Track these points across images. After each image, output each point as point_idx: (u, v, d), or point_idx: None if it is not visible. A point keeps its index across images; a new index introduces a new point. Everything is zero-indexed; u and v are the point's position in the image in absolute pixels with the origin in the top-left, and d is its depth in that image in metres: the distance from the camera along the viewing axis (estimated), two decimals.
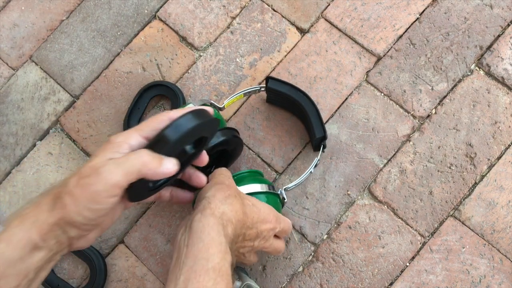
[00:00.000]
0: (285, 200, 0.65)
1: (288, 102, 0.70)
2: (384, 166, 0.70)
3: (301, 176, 0.68)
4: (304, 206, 0.70)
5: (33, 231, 0.43)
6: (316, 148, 0.70)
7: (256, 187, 0.61)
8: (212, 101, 0.68)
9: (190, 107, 0.55)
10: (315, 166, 0.69)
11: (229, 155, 0.67)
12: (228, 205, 0.50)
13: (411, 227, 0.68)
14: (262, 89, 0.71)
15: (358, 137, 0.72)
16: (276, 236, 0.59)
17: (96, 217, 0.45)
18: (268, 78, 0.69)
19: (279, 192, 0.64)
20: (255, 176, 0.64)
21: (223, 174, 0.57)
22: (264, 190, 0.62)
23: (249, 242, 0.55)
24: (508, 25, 0.74)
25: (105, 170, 0.43)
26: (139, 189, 0.48)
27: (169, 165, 0.46)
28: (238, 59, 0.77)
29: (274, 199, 0.63)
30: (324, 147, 0.69)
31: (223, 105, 0.69)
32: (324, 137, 0.67)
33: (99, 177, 0.43)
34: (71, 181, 0.44)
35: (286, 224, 0.59)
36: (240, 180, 0.62)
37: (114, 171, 0.43)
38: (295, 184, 0.68)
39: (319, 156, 0.69)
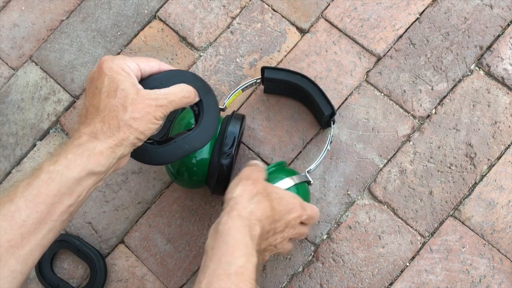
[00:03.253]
0: (311, 182, 0.66)
1: (288, 88, 0.70)
2: (384, 166, 0.70)
3: (320, 156, 0.67)
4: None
5: (91, 159, 0.46)
6: (326, 126, 0.71)
7: (289, 182, 0.61)
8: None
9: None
10: (331, 142, 0.69)
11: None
12: (255, 203, 0.51)
13: (411, 227, 0.68)
14: (259, 80, 0.70)
15: (358, 137, 0.72)
16: (302, 222, 0.59)
17: (152, 134, 0.50)
18: (264, 68, 0.68)
19: (305, 177, 0.64)
20: (282, 168, 0.64)
21: (250, 167, 0.58)
22: (296, 182, 0.62)
23: (279, 234, 0.55)
24: (508, 25, 0.74)
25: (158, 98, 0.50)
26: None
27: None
28: (238, 59, 0.77)
29: (304, 187, 0.64)
30: (334, 122, 0.69)
31: (224, 105, 0.68)
32: (333, 113, 0.66)
33: (154, 106, 0.49)
34: (129, 107, 0.47)
35: (313, 211, 0.60)
36: (270, 175, 0.62)
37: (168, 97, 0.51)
38: (316, 165, 0.67)
39: (332, 132, 0.68)
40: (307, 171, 0.66)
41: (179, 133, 0.57)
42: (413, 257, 0.67)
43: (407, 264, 0.67)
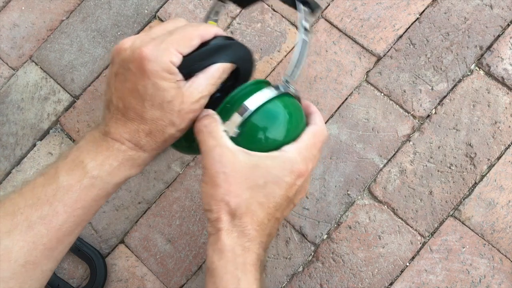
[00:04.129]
0: (294, 91, 0.48)
1: None
2: (384, 166, 0.70)
3: (295, 53, 0.47)
4: (304, 206, 0.70)
5: (134, 168, 0.45)
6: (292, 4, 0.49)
7: (260, 97, 0.44)
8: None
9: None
10: (305, 30, 0.48)
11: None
12: (240, 222, 0.42)
13: (411, 227, 0.68)
14: None
15: (358, 137, 0.72)
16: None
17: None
18: None
19: (282, 88, 0.46)
20: (258, 86, 0.47)
21: (206, 137, 0.44)
22: (272, 95, 0.45)
23: (282, 214, 0.46)
24: (508, 25, 0.74)
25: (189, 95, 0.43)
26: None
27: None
28: None
29: (290, 102, 0.47)
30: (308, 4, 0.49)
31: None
32: None
33: (198, 110, 0.44)
34: (176, 121, 0.43)
35: (314, 161, 0.46)
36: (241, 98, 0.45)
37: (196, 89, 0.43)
38: (293, 67, 0.47)
39: (303, 14, 0.48)
40: (285, 80, 0.47)
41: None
42: (413, 257, 0.67)
43: (407, 264, 0.67)
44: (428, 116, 0.72)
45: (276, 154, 0.44)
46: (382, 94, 0.73)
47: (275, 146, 0.45)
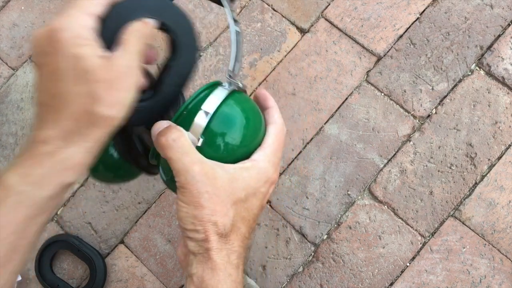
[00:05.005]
0: (241, 85, 0.44)
1: None
2: (384, 166, 0.70)
3: (232, 46, 0.45)
4: (304, 206, 0.70)
5: (67, 172, 0.37)
6: None
7: (216, 97, 0.41)
8: None
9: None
10: (235, 21, 0.46)
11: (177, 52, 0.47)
12: (227, 241, 0.39)
13: (412, 227, 0.68)
14: None
15: (358, 137, 0.72)
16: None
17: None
18: None
19: (229, 86, 0.43)
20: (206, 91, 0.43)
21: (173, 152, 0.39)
22: (224, 94, 0.41)
23: (258, 213, 0.44)
24: (509, 25, 0.74)
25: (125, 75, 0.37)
26: None
27: None
28: None
29: (243, 100, 0.44)
30: None
31: None
32: None
33: (128, 76, 0.38)
34: (99, 95, 0.36)
35: (277, 170, 0.43)
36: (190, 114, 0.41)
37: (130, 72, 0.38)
38: (234, 62, 0.45)
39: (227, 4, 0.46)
40: (228, 75, 0.44)
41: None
42: (414, 257, 0.67)
43: (408, 264, 0.67)
44: (429, 116, 0.72)
45: (249, 165, 0.41)
46: (383, 94, 0.73)
47: (242, 151, 0.42)
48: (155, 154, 0.42)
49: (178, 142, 0.38)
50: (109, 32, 0.38)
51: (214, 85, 0.43)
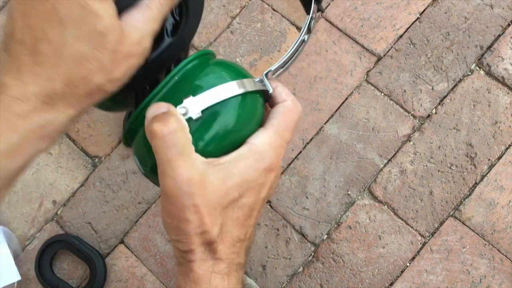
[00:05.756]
0: (271, 92, 0.38)
1: None
2: (384, 166, 0.70)
3: (290, 48, 0.40)
4: (304, 206, 0.70)
5: (43, 140, 0.31)
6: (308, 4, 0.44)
7: (232, 89, 0.35)
8: None
9: None
10: (308, 32, 0.43)
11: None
12: (213, 249, 0.35)
13: (411, 227, 0.68)
14: None
15: (358, 137, 0.72)
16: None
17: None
18: None
19: (260, 84, 0.37)
20: (209, 63, 0.37)
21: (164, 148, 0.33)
22: (247, 89, 0.36)
23: (262, 208, 0.39)
24: (509, 25, 0.74)
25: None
26: None
27: None
28: (238, 59, 0.77)
29: (254, 101, 0.37)
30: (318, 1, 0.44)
31: None
32: None
33: (139, 54, 0.32)
34: (107, 65, 0.31)
35: (278, 169, 0.38)
36: (185, 79, 0.36)
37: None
38: (281, 64, 0.40)
39: (312, 13, 0.43)
40: (265, 74, 0.38)
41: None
42: (414, 257, 0.67)
43: (408, 264, 0.67)
44: (429, 116, 0.72)
45: (245, 151, 0.35)
46: (382, 94, 0.73)
47: (241, 135, 0.36)
48: (130, 134, 0.36)
49: (174, 137, 0.32)
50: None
51: (209, 56, 0.38)
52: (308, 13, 0.43)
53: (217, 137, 0.36)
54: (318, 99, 0.74)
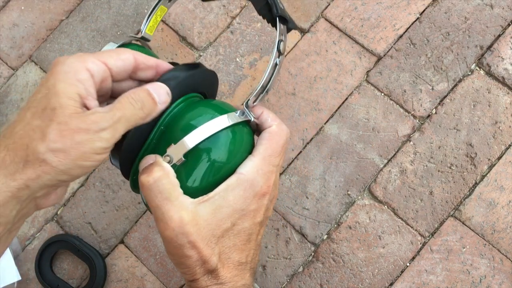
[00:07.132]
0: (252, 120, 0.40)
1: None
2: (384, 166, 0.70)
3: (264, 75, 0.41)
4: (304, 206, 0.70)
5: None
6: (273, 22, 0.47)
7: (221, 122, 0.37)
8: (132, 35, 0.49)
9: (110, 46, 0.42)
10: (279, 53, 0.44)
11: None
12: (215, 275, 0.37)
13: (412, 227, 0.68)
14: None
15: (358, 137, 0.72)
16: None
17: (85, 173, 0.35)
18: None
19: (242, 115, 0.40)
20: (196, 102, 0.41)
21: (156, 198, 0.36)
22: (233, 122, 0.38)
23: (262, 229, 0.41)
24: (509, 25, 0.74)
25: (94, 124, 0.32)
26: None
27: (162, 97, 0.36)
28: (238, 59, 0.77)
29: (241, 131, 0.39)
30: (286, 25, 0.45)
31: (143, 32, 0.49)
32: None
33: (92, 133, 0.32)
34: (50, 135, 0.31)
35: (276, 188, 0.41)
36: (169, 128, 0.38)
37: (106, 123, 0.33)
38: (257, 93, 0.41)
39: (278, 35, 0.44)
40: (245, 105, 0.41)
41: None
42: (414, 257, 0.67)
43: (408, 264, 0.67)
44: (429, 116, 0.72)
45: (233, 182, 0.37)
46: (383, 94, 0.73)
47: (228, 168, 0.38)
48: (133, 184, 0.39)
49: (159, 185, 0.34)
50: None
51: (193, 97, 0.41)
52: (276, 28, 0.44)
53: (205, 174, 0.38)
54: (318, 99, 0.74)
